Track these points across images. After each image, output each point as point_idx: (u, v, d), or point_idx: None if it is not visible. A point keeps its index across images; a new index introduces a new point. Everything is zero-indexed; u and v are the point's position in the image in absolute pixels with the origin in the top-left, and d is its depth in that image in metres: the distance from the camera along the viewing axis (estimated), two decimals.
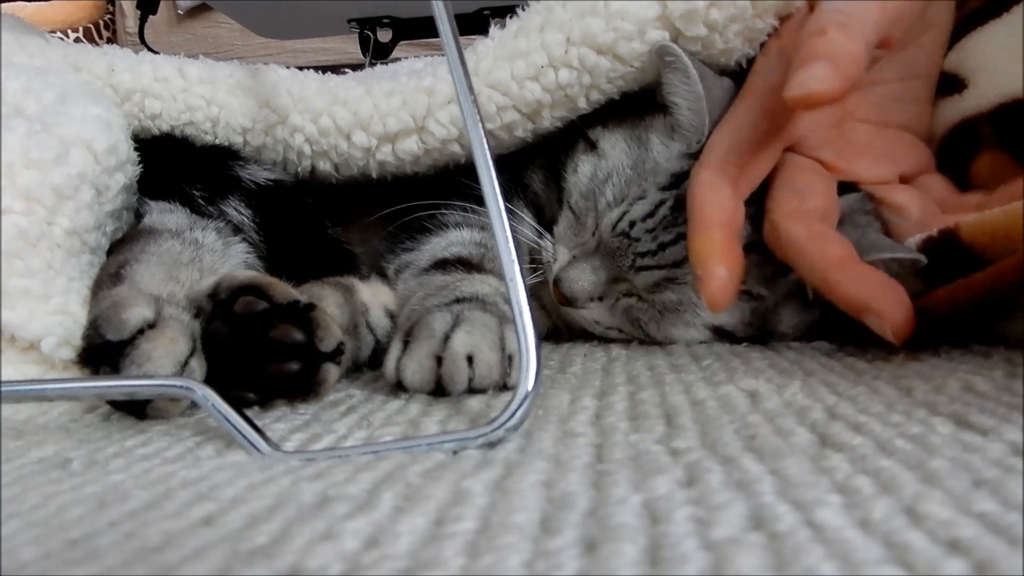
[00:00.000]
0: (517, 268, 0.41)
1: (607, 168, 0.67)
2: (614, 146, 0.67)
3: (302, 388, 0.47)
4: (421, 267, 0.64)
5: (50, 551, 0.26)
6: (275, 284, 0.48)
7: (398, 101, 0.68)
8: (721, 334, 0.65)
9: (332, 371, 0.48)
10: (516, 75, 0.65)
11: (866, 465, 0.31)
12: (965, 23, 0.68)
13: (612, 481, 0.31)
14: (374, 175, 0.71)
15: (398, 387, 0.51)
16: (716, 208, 0.57)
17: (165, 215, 0.62)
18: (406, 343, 0.50)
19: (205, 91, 0.69)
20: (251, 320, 0.47)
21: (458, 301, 0.54)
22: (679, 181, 0.62)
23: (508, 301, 0.42)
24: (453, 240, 0.67)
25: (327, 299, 0.57)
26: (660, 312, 0.65)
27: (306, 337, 0.47)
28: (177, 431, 0.43)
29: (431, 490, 0.31)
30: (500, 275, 0.61)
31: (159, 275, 0.53)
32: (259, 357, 0.47)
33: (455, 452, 0.37)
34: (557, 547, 0.25)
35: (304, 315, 0.47)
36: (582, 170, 0.69)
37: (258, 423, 0.40)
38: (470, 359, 0.48)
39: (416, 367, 0.49)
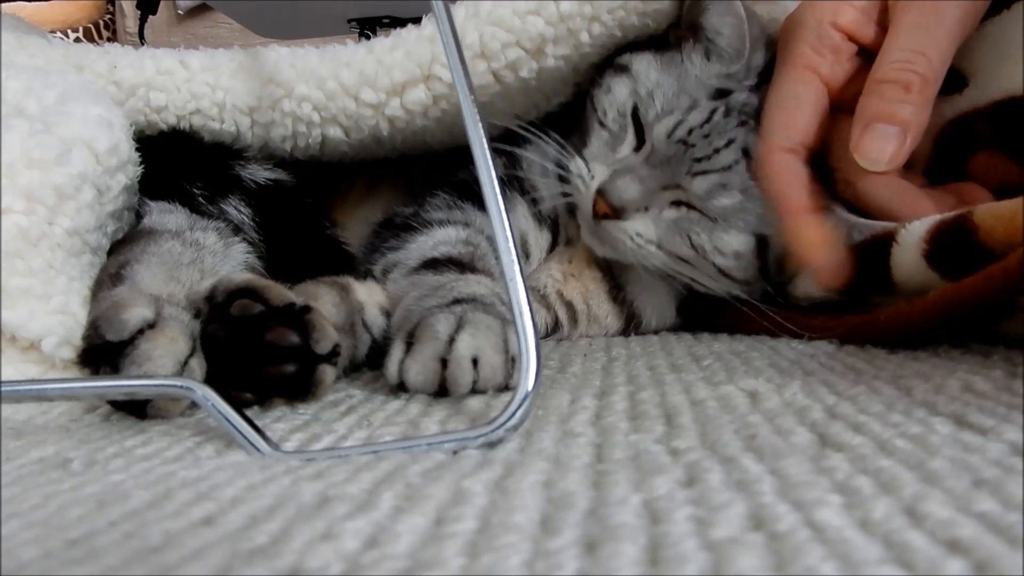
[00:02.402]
0: (517, 268, 0.41)
1: (648, 85, 0.70)
2: (648, 67, 0.71)
3: (299, 389, 0.48)
4: (411, 266, 0.64)
5: (50, 551, 0.26)
6: (271, 287, 0.48)
7: (401, 53, 0.68)
8: (762, 245, 0.68)
9: (328, 372, 0.48)
10: (518, 10, 0.66)
11: (866, 465, 0.31)
12: None
13: (612, 481, 0.31)
14: (384, 133, 0.71)
15: (400, 387, 0.51)
16: (800, 193, 0.62)
17: (165, 215, 0.62)
18: (409, 344, 0.50)
19: (208, 78, 0.69)
20: (247, 323, 0.47)
21: (457, 302, 0.54)
22: (723, 95, 0.68)
23: (504, 302, 0.42)
24: (440, 240, 0.68)
25: (322, 298, 0.57)
26: (713, 220, 0.68)
27: (302, 340, 0.47)
28: (177, 431, 0.43)
29: (431, 490, 0.31)
30: (491, 274, 0.62)
31: (160, 276, 0.53)
32: (256, 359, 0.47)
33: (455, 452, 0.37)
34: (557, 547, 0.25)
35: (300, 318, 0.47)
36: (617, 90, 0.72)
37: (258, 423, 0.40)
38: (474, 361, 0.48)
39: (420, 368, 0.49)
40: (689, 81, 0.69)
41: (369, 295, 0.62)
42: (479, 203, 0.72)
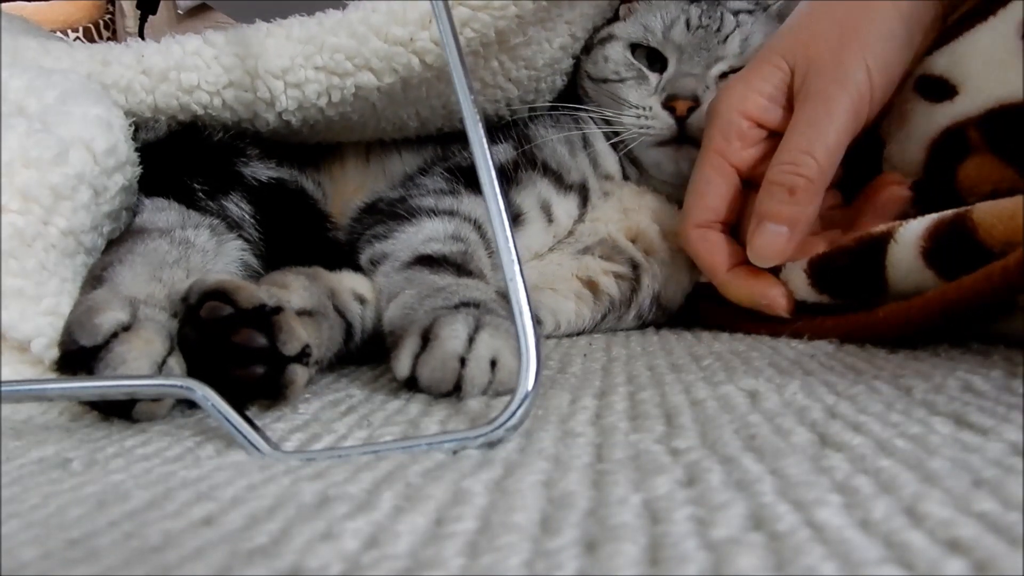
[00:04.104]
0: (517, 268, 0.41)
1: (637, 30, 0.82)
2: (627, 24, 0.84)
3: (270, 390, 0.47)
4: (404, 261, 0.64)
5: (50, 551, 0.26)
6: (242, 289, 0.48)
7: None
8: None
9: (299, 372, 0.47)
10: None
11: (866, 465, 0.31)
12: (954, 26, 0.68)
13: (612, 481, 0.31)
14: (416, 70, 0.72)
15: (408, 383, 0.50)
16: (718, 258, 0.70)
17: (157, 214, 0.62)
18: (425, 340, 0.50)
19: (237, 50, 0.71)
20: (216, 325, 0.46)
21: (465, 304, 0.54)
22: (695, 1, 0.82)
23: (501, 304, 0.41)
24: (429, 234, 0.68)
25: (292, 284, 0.56)
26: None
27: (269, 341, 0.46)
28: (177, 431, 0.43)
29: (431, 490, 0.31)
30: (483, 274, 0.63)
31: (143, 276, 0.53)
32: (226, 361, 0.46)
33: (455, 452, 0.37)
34: (557, 547, 0.25)
35: (268, 319, 0.47)
36: (611, 52, 0.83)
37: (258, 423, 0.40)
38: (492, 363, 0.48)
39: (438, 365, 0.49)
40: (665, 7, 0.83)
41: (339, 282, 0.62)
42: (470, 185, 0.74)
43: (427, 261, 0.63)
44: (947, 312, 0.53)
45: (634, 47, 0.83)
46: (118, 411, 0.46)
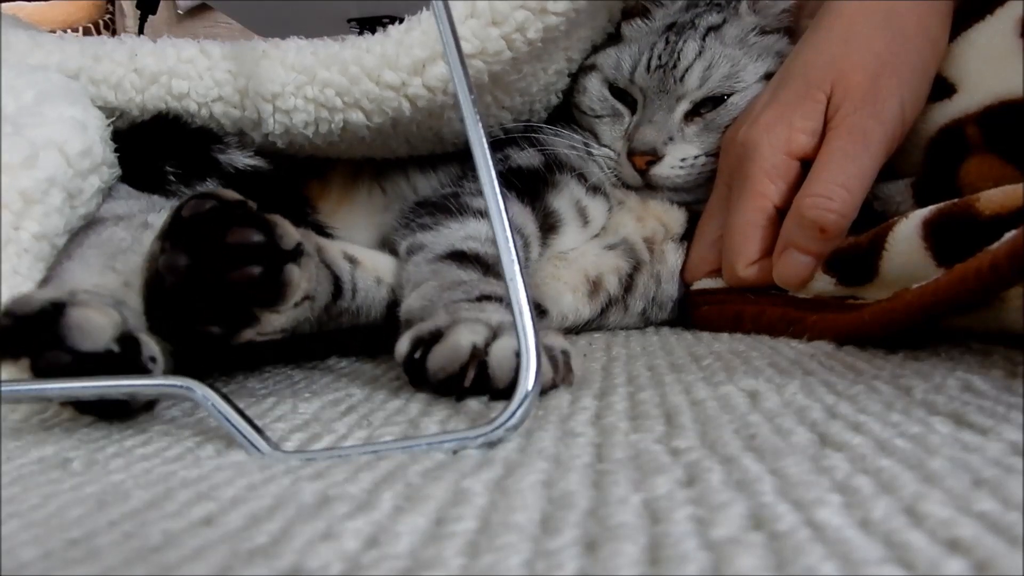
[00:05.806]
0: (517, 268, 0.41)
1: (613, 63, 0.82)
2: (608, 55, 0.84)
3: (268, 294, 0.46)
4: (437, 253, 0.65)
5: (50, 551, 0.26)
6: (221, 190, 0.46)
7: (419, 32, 0.70)
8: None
9: (295, 272, 0.46)
10: None
11: (866, 465, 0.31)
12: (953, 25, 0.68)
13: (612, 481, 0.31)
14: (407, 114, 0.72)
15: (415, 376, 0.50)
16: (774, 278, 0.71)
17: (114, 202, 0.62)
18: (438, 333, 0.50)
19: (230, 66, 0.70)
20: (204, 224, 0.44)
21: (486, 297, 0.55)
22: (671, 28, 0.82)
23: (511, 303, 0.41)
24: (470, 232, 0.68)
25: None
26: (727, 95, 0.78)
27: (266, 237, 0.45)
28: (177, 431, 0.43)
29: (431, 490, 0.31)
30: None
31: (95, 267, 0.52)
32: (220, 270, 0.44)
33: (455, 452, 0.37)
34: (557, 547, 0.25)
35: (260, 218, 0.45)
36: (590, 85, 0.84)
37: (258, 423, 0.40)
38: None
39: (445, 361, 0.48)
40: (643, 38, 0.83)
41: (329, 243, 0.62)
42: (516, 195, 0.75)
43: (459, 256, 0.64)
44: (931, 309, 0.53)
45: (610, 82, 0.83)
46: (107, 413, 0.46)
